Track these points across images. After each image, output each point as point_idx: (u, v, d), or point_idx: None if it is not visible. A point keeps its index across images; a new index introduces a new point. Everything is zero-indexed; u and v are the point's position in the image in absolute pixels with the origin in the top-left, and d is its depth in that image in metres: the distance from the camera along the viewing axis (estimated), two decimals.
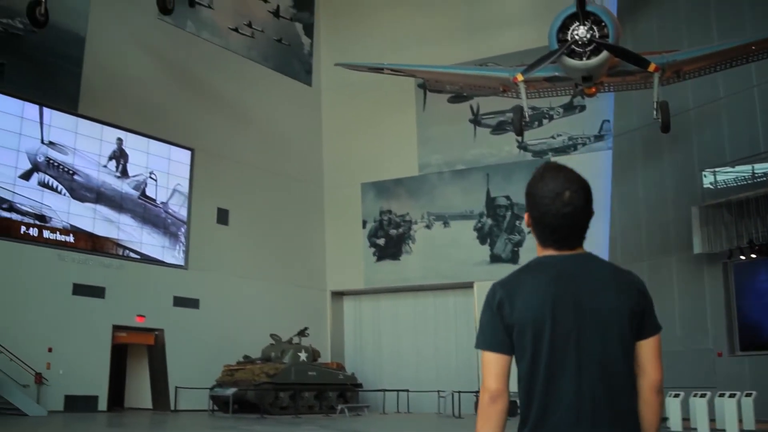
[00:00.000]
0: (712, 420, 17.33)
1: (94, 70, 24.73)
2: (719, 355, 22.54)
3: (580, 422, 2.56)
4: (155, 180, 26.85)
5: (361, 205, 32.63)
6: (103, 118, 25.13)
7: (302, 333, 26.96)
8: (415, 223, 31.66)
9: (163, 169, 27.09)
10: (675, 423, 17.34)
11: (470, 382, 27.39)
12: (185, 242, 27.38)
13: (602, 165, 27.41)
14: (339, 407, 25.56)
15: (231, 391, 23.34)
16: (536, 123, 28.65)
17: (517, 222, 29.19)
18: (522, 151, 29.71)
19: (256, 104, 30.78)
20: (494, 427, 2.64)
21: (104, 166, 25.21)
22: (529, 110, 20.23)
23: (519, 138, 24.66)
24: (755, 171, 22.12)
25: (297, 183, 32.13)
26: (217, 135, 28.75)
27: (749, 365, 21.74)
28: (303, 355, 26.03)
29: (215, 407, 24.94)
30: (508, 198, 29.83)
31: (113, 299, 24.22)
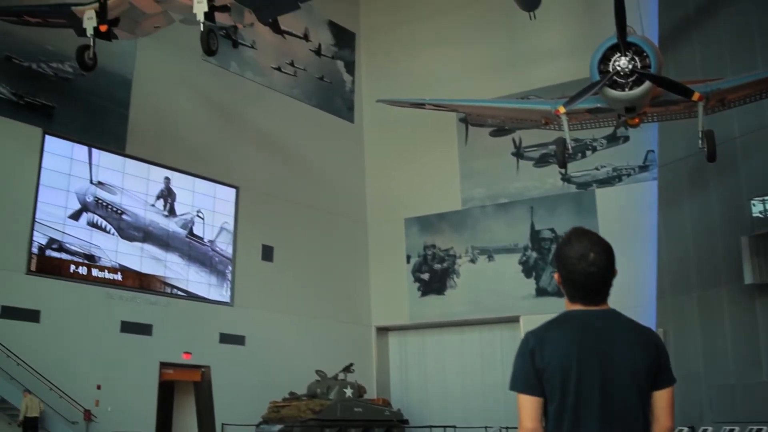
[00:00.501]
0: None
1: (141, 111, 25.25)
2: None
3: None
4: (202, 218, 27.17)
5: (405, 240, 32.60)
6: (150, 158, 25.58)
7: (348, 369, 26.86)
8: (460, 258, 31.52)
9: (209, 207, 27.41)
10: None
11: (517, 417, 26.92)
12: (231, 279, 27.58)
13: (648, 195, 27.07)
14: None
15: (277, 428, 23.30)
16: (579, 155, 28.48)
17: None
18: (566, 183, 29.49)
19: (300, 141, 31.07)
20: None
21: (152, 205, 25.59)
22: (572, 142, 20.12)
23: (562, 170, 24.50)
24: None
25: (341, 219, 32.27)
26: (262, 172, 29.04)
27: None
28: (349, 391, 25.91)
29: None
30: (553, 230, 29.58)
31: (160, 336, 24.44)
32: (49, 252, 22.52)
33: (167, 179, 26.19)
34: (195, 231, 26.90)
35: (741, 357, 22.58)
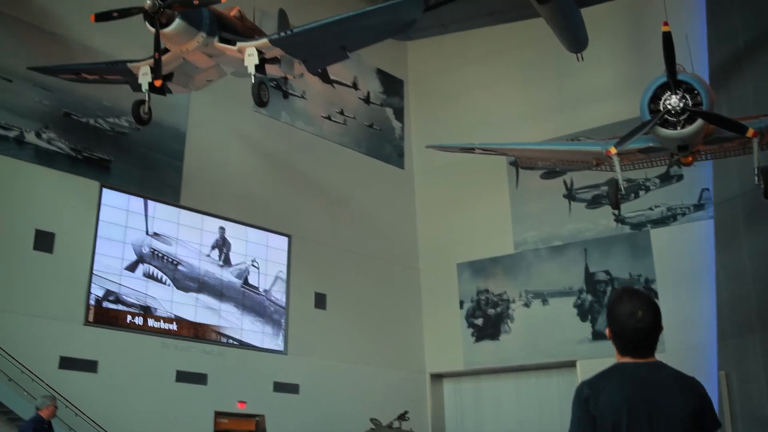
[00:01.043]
0: None
1: (195, 163, 25.73)
2: None
3: None
4: (257, 268, 27.38)
5: (458, 286, 32.38)
6: (204, 209, 25.97)
7: (402, 417, 26.61)
8: (513, 302, 31.18)
9: (262, 256, 27.63)
10: None
11: None
12: (284, 327, 27.65)
13: (704, 235, 26.52)
14: None
15: None
16: (632, 195, 28.09)
17: None
18: (619, 225, 29.09)
19: (350, 189, 31.29)
20: None
21: (207, 255, 25.90)
22: (625, 182, 19.86)
23: (615, 211, 24.21)
24: None
25: (393, 265, 32.25)
26: (313, 220, 29.25)
27: None
28: None
29: None
30: (608, 273, 29.10)
31: (215, 386, 24.53)
32: (106, 303, 22.88)
33: (222, 229, 26.53)
34: (250, 280, 27.11)
35: None
